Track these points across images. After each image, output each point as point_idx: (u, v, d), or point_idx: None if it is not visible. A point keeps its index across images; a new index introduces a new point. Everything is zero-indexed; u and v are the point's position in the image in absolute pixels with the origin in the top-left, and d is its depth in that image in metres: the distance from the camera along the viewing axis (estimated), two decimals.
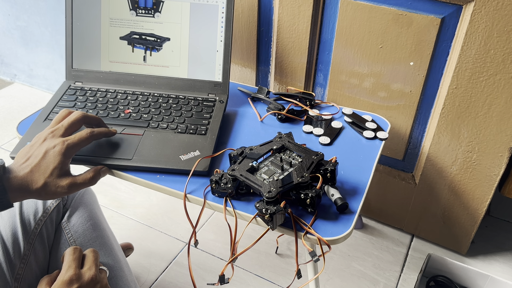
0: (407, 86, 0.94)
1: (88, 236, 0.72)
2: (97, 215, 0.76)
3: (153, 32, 0.87)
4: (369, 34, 0.91)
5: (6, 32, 1.70)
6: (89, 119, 0.68)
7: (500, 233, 1.19)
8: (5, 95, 1.77)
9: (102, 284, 0.59)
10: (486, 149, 0.92)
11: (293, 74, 1.06)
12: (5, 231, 0.66)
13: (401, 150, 1.05)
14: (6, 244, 0.65)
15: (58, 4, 1.49)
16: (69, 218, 0.73)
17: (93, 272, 0.58)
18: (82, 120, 0.66)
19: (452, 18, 0.83)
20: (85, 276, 0.58)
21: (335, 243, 0.61)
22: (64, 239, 0.71)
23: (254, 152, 0.67)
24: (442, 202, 1.05)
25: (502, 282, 0.96)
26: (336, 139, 0.83)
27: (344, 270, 1.09)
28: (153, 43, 0.87)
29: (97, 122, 0.70)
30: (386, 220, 1.20)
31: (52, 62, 1.67)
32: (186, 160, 0.72)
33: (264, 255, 1.12)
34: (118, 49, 0.88)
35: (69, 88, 0.87)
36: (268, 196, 0.59)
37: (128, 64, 0.88)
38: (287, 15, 0.98)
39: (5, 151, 1.48)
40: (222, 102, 0.86)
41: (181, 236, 1.18)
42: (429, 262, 1.02)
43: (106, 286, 0.60)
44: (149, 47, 0.88)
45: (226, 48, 0.87)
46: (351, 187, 0.70)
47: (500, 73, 0.82)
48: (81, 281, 0.57)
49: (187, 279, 1.06)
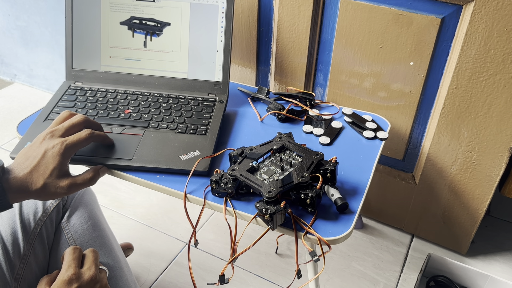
0: (407, 86, 0.94)
1: (88, 236, 0.72)
2: (97, 215, 0.76)
3: (154, 17, 0.87)
4: (369, 34, 0.91)
5: (6, 32, 1.70)
6: (90, 123, 0.67)
7: (500, 233, 1.19)
8: (5, 95, 1.77)
9: (102, 283, 0.59)
10: (486, 149, 0.92)
11: (293, 74, 1.06)
12: (5, 231, 0.66)
13: (401, 150, 1.05)
14: (6, 244, 0.65)
15: (58, 4, 1.49)
16: (69, 218, 0.73)
17: (92, 272, 0.58)
18: (83, 123, 0.66)
19: (452, 18, 0.83)
20: (85, 276, 0.58)
21: (335, 243, 0.61)
22: (64, 239, 0.71)
23: (254, 152, 0.67)
24: (442, 202, 1.06)
25: (502, 282, 0.96)
26: (336, 139, 0.83)
27: (344, 270, 1.09)
28: (153, 28, 0.87)
29: (97, 127, 0.70)
30: (386, 220, 1.20)
31: (52, 62, 1.67)
32: (186, 160, 0.72)
33: (264, 255, 1.12)
34: (119, 35, 0.88)
35: (69, 88, 0.87)
36: (268, 196, 0.59)
37: (129, 49, 0.88)
38: (287, 15, 0.98)
39: (5, 151, 1.48)
40: (222, 102, 0.86)
41: (181, 236, 1.18)
42: (429, 262, 1.02)
43: (106, 285, 0.60)
44: (149, 32, 0.87)
45: (226, 48, 0.87)
46: (351, 187, 0.70)
47: (500, 73, 0.82)
48: (80, 280, 0.57)
49: (187, 279, 1.06)
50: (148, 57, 0.88)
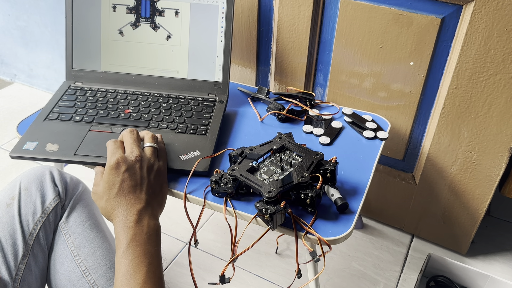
0: (407, 86, 0.94)
1: (87, 237, 0.72)
2: (95, 215, 0.76)
3: None
4: (369, 34, 0.91)
5: (6, 32, 1.70)
6: None
7: (500, 233, 1.19)
8: (5, 95, 1.77)
9: (150, 160, 0.64)
10: (486, 149, 0.92)
11: (293, 74, 1.06)
12: (3, 232, 0.66)
13: (401, 150, 1.05)
14: (5, 245, 0.65)
15: (58, 4, 1.49)
16: (67, 219, 0.73)
17: (136, 152, 0.63)
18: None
19: (452, 18, 0.83)
20: (131, 157, 0.62)
21: (335, 243, 0.61)
22: (62, 239, 0.71)
23: (254, 152, 0.67)
24: (442, 202, 1.05)
25: (502, 282, 0.96)
26: (336, 139, 0.82)
27: (344, 270, 1.09)
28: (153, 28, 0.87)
29: None
30: (386, 220, 1.20)
31: (52, 62, 1.67)
32: (186, 160, 0.72)
33: (264, 255, 1.12)
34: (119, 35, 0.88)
35: (69, 88, 0.87)
36: (268, 196, 0.59)
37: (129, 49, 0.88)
38: (287, 15, 0.97)
39: (5, 151, 1.48)
40: (222, 102, 0.86)
41: (181, 236, 1.18)
42: (429, 262, 1.02)
43: (155, 160, 0.65)
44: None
45: (226, 48, 0.87)
46: (351, 187, 0.70)
47: (500, 73, 0.82)
48: (128, 162, 0.61)
49: (187, 279, 1.06)
50: (148, 57, 0.88)
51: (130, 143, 0.64)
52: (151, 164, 0.64)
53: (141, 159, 0.63)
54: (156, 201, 0.63)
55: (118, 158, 0.61)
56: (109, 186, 0.60)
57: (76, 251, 0.70)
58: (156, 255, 0.58)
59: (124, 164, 0.61)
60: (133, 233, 0.57)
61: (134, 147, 0.64)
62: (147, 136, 0.68)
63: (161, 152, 0.68)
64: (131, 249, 0.56)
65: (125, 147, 0.64)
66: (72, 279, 0.69)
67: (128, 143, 0.64)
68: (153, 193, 0.63)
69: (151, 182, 0.63)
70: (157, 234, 0.60)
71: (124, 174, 0.60)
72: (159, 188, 0.64)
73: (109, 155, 0.63)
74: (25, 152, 0.72)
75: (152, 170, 0.64)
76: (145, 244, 0.57)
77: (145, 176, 0.62)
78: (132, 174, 0.61)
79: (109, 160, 0.62)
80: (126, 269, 0.55)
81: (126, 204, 0.59)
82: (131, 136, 0.65)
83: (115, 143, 0.64)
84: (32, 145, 0.73)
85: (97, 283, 0.68)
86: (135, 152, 0.63)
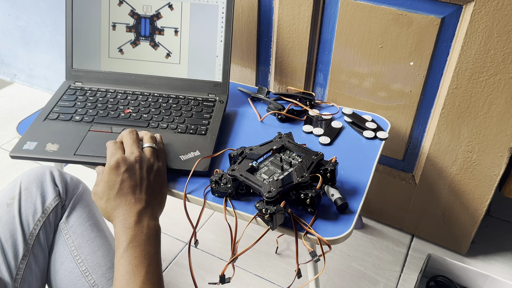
0: (407, 86, 0.94)
1: (87, 236, 0.72)
2: (95, 215, 0.76)
3: None
4: (369, 34, 0.91)
5: (6, 32, 1.70)
6: None
7: (500, 233, 1.19)
8: (5, 95, 1.77)
9: (150, 160, 0.64)
10: (486, 149, 0.92)
11: (293, 74, 1.06)
12: (4, 232, 0.66)
13: (401, 150, 1.05)
14: (5, 245, 0.65)
15: (58, 4, 1.49)
16: (68, 218, 0.73)
17: (136, 152, 0.63)
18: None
19: (452, 18, 0.83)
20: (131, 158, 0.62)
21: (335, 243, 0.61)
22: (62, 239, 0.71)
23: (254, 152, 0.67)
24: (442, 202, 1.05)
25: (502, 282, 0.96)
26: (336, 139, 0.82)
27: (344, 270, 1.09)
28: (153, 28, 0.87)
29: None
30: (386, 220, 1.20)
31: (52, 62, 1.67)
32: (186, 160, 0.72)
33: (264, 255, 1.12)
34: (119, 35, 0.88)
35: (69, 88, 0.87)
36: (268, 196, 0.59)
37: (128, 49, 0.88)
38: (287, 15, 0.97)
39: (5, 151, 1.48)
40: (222, 102, 0.86)
41: (181, 236, 1.18)
42: (429, 262, 1.02)
43: (154, 161, 0.65)
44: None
45: (226, 48, 0.87)
46: (351, 187, 0.70)
47: (500, 73, 0.82)
48: (127, 162, 0.61)
49: (187, 279, 1.06)
50: (148, 57, 0.88)
51: (129, 144, 0.64)
52: (150, 165, 0.64)
53: (141, 159, 0.63)
54: (156, 201, 0.63)
55: (118, 158, 0.61)
56: (108, 186, 0.60)
57: (76, 251, 0.70)
58: (155, 256, 0.58)
59: (124, 164, 0.61)
60: (133, 233, 0.57)
61: (133, 148, 0.64)
62: (146, 136, 0.68)
63: (160, 153, 0.68)
64: (130, 249, 0.56)
65: (125, 148, 0.64)
66: (72, 279, 0.69)
67: (127, 144, 0.64)
68: (153, 193, 0.63)
69: (150, 182, 0.63)
70: (157, 234, 0.60)
71: (124, 175, 0.60)
72: (159, 188, 0.64)
73: (108, 155, 0.63)
74: (25, 152, 0.72)
75: (152, 170, 0.64)
76: (144, 245, 0.57)
77: (144, 176, 0.62)
78: (132, 175, 0.61)
79: (108, 160, 0.62)
80: (126, 270, 0.55)
81: (126, 205, 0.59)
82: (130, 137, 0.65)
83: (115, 144, 0.65)
84: (32, 145, 0.73)
85: (97, 283, 0.68)
86: (135, 153, 0.63)
